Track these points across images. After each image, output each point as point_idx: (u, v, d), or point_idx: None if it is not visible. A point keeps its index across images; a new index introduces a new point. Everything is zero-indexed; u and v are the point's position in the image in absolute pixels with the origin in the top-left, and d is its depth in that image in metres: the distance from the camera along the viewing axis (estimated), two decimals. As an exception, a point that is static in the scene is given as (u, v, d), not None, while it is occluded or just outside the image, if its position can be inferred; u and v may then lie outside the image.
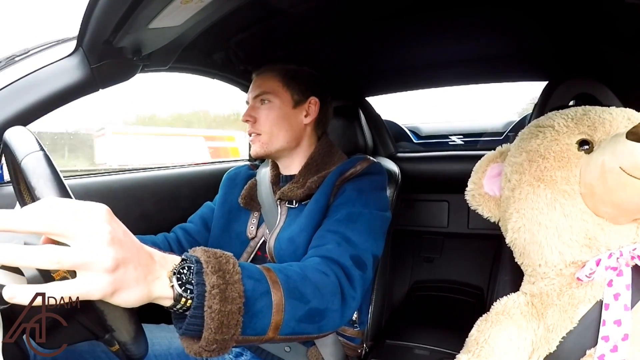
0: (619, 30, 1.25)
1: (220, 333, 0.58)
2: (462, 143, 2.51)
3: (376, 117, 2.19)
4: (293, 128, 1.17)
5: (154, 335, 1.06)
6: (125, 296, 0.49)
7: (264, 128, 1.15)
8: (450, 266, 2.23)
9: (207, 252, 0.62)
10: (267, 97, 1.15)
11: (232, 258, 0.65)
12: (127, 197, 1.41)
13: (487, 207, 0.99)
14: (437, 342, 1.55)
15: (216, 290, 0.58)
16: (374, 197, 1.07)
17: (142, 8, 0.79)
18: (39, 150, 0.60)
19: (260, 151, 1.16)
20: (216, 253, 0.63)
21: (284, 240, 1.07)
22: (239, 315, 0.61)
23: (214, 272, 0.59)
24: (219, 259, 0.62)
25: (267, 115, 1.15)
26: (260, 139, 1.16)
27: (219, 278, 0.59)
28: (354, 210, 1.01)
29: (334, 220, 1.00)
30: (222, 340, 0.59)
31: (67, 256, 0.44)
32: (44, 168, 0.58)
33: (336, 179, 1.08)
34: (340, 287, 0.83)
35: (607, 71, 1.46)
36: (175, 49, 1.10)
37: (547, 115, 0.91)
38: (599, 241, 0.78)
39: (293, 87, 1.17)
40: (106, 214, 0.49)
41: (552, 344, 0.81)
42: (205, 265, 0.59)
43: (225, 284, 0.60)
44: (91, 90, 1.02)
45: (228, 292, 0.59)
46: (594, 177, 0.75)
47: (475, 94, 4.42)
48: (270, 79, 1.17)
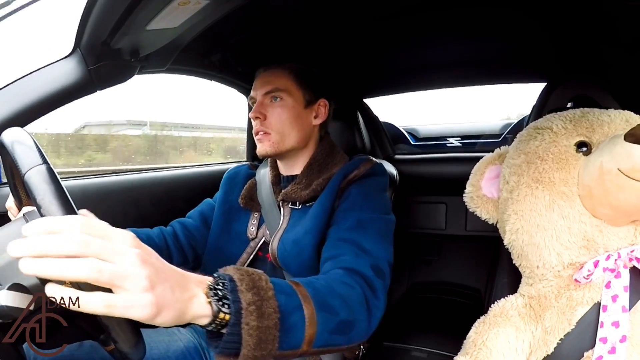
0: (618, 31, 1.26)
1: (259, 349, 0.59)
2: (460, 145, 2.51)
3: (374, 119, 2.20)
4: (304, 129, 1.14)
5: (152, 340, 1.05)
6: (167, 314, 0.49)
7: (276, 127, 1.11)
8: (448, 268, 2.23)
9: (239, 270, 0.63)
10: (279, 95, 1.12)
11: (264, 275, 0.65)
12: (124, 198, 1.41)
13: (485, 209, 0.99)
14: (434, 344, 1.55)
15: (252, 307, 0.59)
16: (380, 200, 1.06)
17: (140, 9, 0.79)
18: (42, 163, 0.60)
19: (269, 150, 1.12)
20: (248, 271, 0.63)
21: (289, 242, 1.06)
22: (276, 331, 0.62)
23: (248, 289, 0.60)
24: (251, 276, 0.62)
25: (280, 113, 1.11)
26: (270, 138, 1.11)
27: (254, 295, 0.60)
28: (364, 217, 1.00)
29: (345, 228, 0.99)
30: (260, 356, 0.60)
31: (106, 268, 0.44)
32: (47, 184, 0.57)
33: (340, 180, 1.07)
34: (366, 298, 0.83)
35: (606, 72, 1.46)
36: (173, 50, 1.09)
37: (545, 117, 0.92)
38: (597, 243, 0.78)
39: (305, 87, 1.15)
40: (132, 239, 0.49)
41: (550, 346, 0.81)
42: (239, 283, 0.60)
43: (261, 300, 0.60)
44: (89, 92, 1.02)
45: (264, 309, 0.60)
46: (592, 179, 0.75)
47: (473, 95, 4.43)
48: (282, 76, 1.14)
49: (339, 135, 1.71)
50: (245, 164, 1.35)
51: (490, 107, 5.20)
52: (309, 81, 1.16)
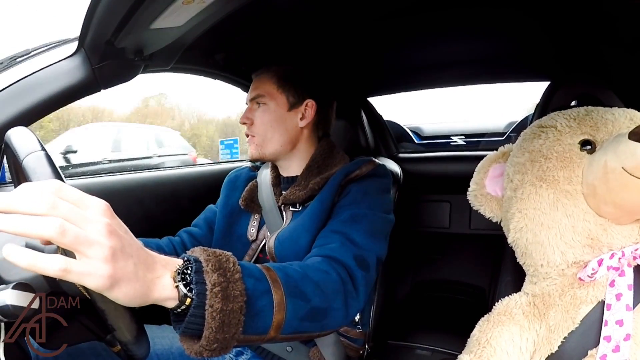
0: (620, 31, 1.25)
1: (222, 332, 0.57)
2: (464, 143, 2.52)
3: (378, 117, 2.20)
4: (288, 131, 1.15)
5: (156, 335, 1.06)
6: (125, 290, 0.48)
7: (259, 131, 1.14)
8: (452, 267, 2.23)
9: (206, 251, 0.62)
10: (262, 100, 1.14)
11: (232, 257, 0.64)
12: (128, 197, 1.41)
13: (489, 208, 0.99)
14: (438, 343, 1.55)
15: (217, 288, 0.57)
16: (379, 199, 1.06)
17: (144, 9, 0.79)
18: (40, 150, 0.61)
19: (255, 154, 1.15)
20: (215, 252, 0.62)
21: (285, 240, 1.06)
22: (241, 315, 0.60)
23: (214, 270, 0.59)
24: (218, 257, 0.61)
25: (262, 118, 1.14)
26: (255, 141, 1.15)
27: (219, 276, 0.58)
28: (359, 212, 1.00)
29: (337, 221, 1.00)
30: (223, 339, 0.58)
31: (71, 230, 0.44)
32: (45, 167, 0.58)
33: (341, 179, 1.07)
34: (343, 286, 0.82)
35: (609, 71, 1.46)
36: (177, 49, 1.09)
37: (549, 116, 0.91)
38: (601, 241, 0.78)
39: (288, 89, 1.15)
40: (106, 209, 0.49)
41: (554, 344, 0.81)
42: (205, 264, 0.59)
43: (227, 282, 0.59)
44: (93, 91, 1.02)
45: (230, 291, 0.59)
46: (596, 178, 0.74)
47: (477, 94, 4.43)
48: (265, 82, 1.16)
49: (343, 134, 1.71)
50: (247, 167, 1.35)
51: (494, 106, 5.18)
52: (292, 83, 1.16)
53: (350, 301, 0.83)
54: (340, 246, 0.91)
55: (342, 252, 0.89)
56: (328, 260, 0.86)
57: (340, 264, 0.86)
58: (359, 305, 0.87)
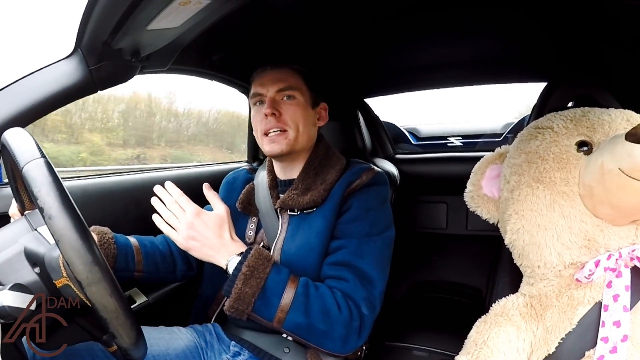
0: (619, 31, 1.25)
1: (237, 303, 0.90)
2: (461, 144, 2.52)
3: (375, 118, 2.20)
4: (311, 130, 1.15)
5: (152, 337, 1.06)
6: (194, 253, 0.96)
7: (292, 124, 1.09)
8: (449, 268, 2.23)
9: (258, 250, 0.94)
10: (293, 93, 1.10)
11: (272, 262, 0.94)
12: (125, 198, 1.41)
13: (486, 209, 0.99)
14: (435, 344, 1.55)
15: (242, 276, 0.90)
16: (381, 214, 1.08)
17: (141, 9, 0.79)
18: (40, 157, 0.60)
19: (285, 149, 1.09)
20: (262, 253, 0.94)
21: (293, 257, 1.07)
22: (252, 298, 0.90)
23: (247, 266, 0.91)
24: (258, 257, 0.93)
25: (295, 111, 1.10)
26: (287, 136, 1.09)
27: (247, 269, 0.90)
28: (363, 240, 1.03)
29: (347, 252, 1.02)
30: (238, 307, 0.91)
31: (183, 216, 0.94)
32: (45, 176, 0.58)
33: (343, 191, 1.07)
34: (350, 324, 0.94)
35: (606, 72, 1.46)
36: (174, 50, 1.09)
37: (546, 117, 0.91)
38: (598, 242, 0.78)
39: (313, 87, 1.15)
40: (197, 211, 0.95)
41: (551, 345, 0.81)
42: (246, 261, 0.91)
43: (251, 276, 0.90)
44: (90, 92, 1.02)
45: (250, 280, 0.90)
46: (593, 179, 0.75)
47: (474, 95, 4.41)
48: (293, 75, 1.13)
49: (340, 135, 1.71)
50: (244, 168, 1.34)
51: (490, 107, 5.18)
52: (315, 83, 1.16)
53: (353, 336, 0.95)
54: (354, 287, 0.98)
55: (357, 292, 0.97)
56: (345, 297, 0.96)
57: (354, 303, 0.96)
58: (358, 344, 0.97)
